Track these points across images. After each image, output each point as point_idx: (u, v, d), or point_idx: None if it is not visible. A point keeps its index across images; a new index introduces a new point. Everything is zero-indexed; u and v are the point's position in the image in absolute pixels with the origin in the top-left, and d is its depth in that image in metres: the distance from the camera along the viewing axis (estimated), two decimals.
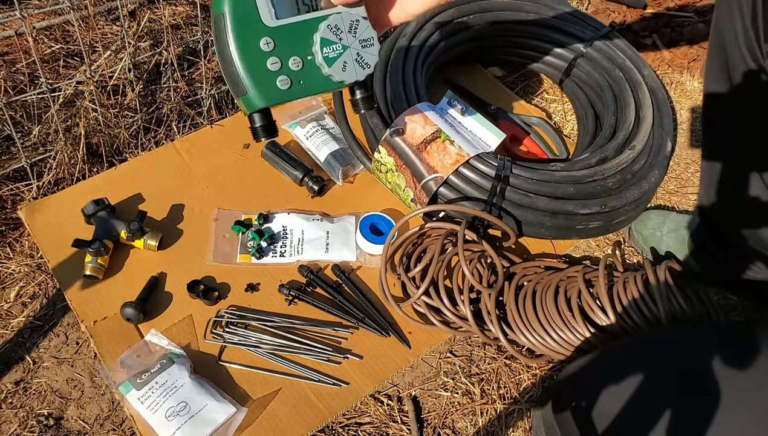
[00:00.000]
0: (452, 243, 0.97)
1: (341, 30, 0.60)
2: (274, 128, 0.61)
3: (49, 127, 1.08)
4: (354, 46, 0.61)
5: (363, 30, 0.61)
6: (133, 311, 0.86)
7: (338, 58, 0.60)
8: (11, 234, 0.99)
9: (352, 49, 0.61)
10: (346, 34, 0.60)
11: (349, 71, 0.60)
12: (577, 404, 0.72)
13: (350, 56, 0.60)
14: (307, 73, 0.60)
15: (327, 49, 0.59)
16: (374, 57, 0.61)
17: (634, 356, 0.75)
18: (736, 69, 0.79)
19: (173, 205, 1.03)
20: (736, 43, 0.77)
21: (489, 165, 0.95)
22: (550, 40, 1.24)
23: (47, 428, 0.82)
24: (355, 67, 0.61)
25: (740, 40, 0.76)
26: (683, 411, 0.64)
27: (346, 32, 0.60)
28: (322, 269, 0.98)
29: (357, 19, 0.60)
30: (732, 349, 0.67)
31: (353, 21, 0.60)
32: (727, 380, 0.64)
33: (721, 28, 0.80)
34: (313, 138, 1.11)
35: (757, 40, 0.74)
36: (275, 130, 0.61)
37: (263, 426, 0.82)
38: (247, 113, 0.60)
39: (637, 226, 1.07)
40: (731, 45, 0.78)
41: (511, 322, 0.90)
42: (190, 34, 1.34)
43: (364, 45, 0.61)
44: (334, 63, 0.60)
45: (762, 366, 0.64)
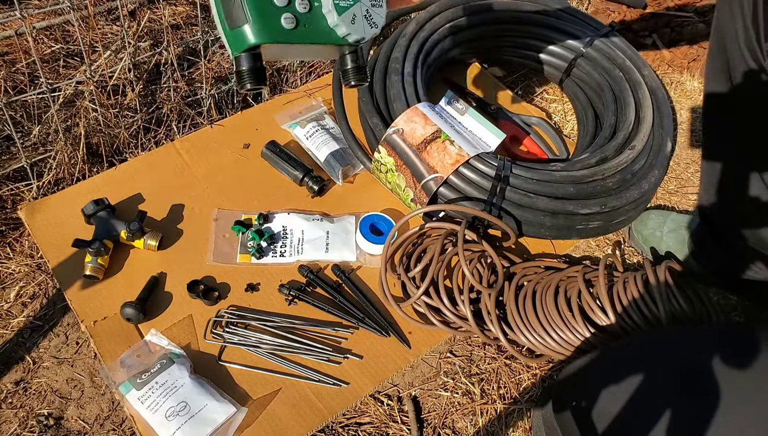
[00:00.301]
0: (452, 243, 0.97)
1: None
2: (263, 74, 0.55)
3: (49, 127, 1.08)
4: (365, 2, 0.58)
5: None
6: (133, 311, 0.86)
7: (349, 8, 0.57)
8: (11, 234, 0.99)
9: (362, 4, 0.57)
10: None
11: (357, 26, 0.57)
12: (577, 404, 0.72)
13: (360, 10, 0.57)
14: (314, 18, 0.56)
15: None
16: (382, 18, 0.59)
17: (634, 356, 0.75)
18: (737, 69, 0.79)
19: (173, 205, 1.03)
20: (737, 42, 0.77)
21: (489, 165, 0.95)
22: (550, 40, 1.24)
23: (47, 428, 0.82)
24: (363, 23, 0.58)
25: (741, 39, 0.76)
26: (683, 411, 0.64)
27: None
28: (322, 269, 0.98)
29: None
30: (732, 349, 0.67)
31: None
32: (727, 380, 0.64)
33: (722, 28, 0.80)
34: (313, 138, 1.11)
35: (758, 39, 0.74)
36: (264, 77, 0.55)
37: (263, 426, 0.82)
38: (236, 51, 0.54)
39: (637, 226, 1.07)
40: (732, 45, 0.78)
41: (511, 322, 0.90)
42: (190, 34, 1.34)
43: (374, 3, 0.58)
44: (343, 12, 0.56)
45: (762, 366, 0.64)
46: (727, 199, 0.91)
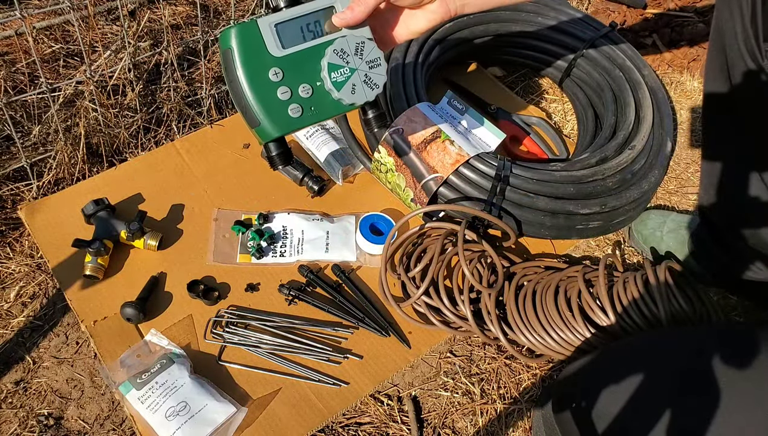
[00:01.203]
0: (452, 243, 0.97)
1: (347, 53, 0.60)
2: (289, 155, 0.62)
3: (49, 127, 1.08)
4: (361, 68, 0.61)
5: (369, 51, 0.61)
6: (133, 310, 0.86)
7: (347, 81, 0.60)
8: (11, 234, 0.99)
9: (359, 72, 0.61)
10: (353, 56, 0.60)
11: (358, 93, 0.61)
12: (577, 404, 0.72)
13: (358, 78, 0.61)
14: (318, 98, 0.60)
15: (335, 74, 0.60)
16: (382, 76, 0.62)
17: (634, 356, 0.75)
18: (736, 69, 0.79)
19: (173, 205, 1.03)
20: (736, 42, 0.77)
21: (489, 165, 0.95)
22: (550, 40, 1.24)
23: (47, 428, 0.82)
24: (364, 88, 0.61)
25: (740, 39, 0.76)
26: (683, 411, 0.64)
27: (353, 55, 0.60)
28: (322, 268, 0.98)
29: (362, 41, 0.61)
30: (732, 349, 0.67)
31: (359, 43, 0.61)
32: (727, 380, 0.64)
33: (721, 28, 0.80)
34: (313, 138, 1.11)
35: (756, 39, 0.74)
36: (291, 156, 0.62)
37: (263, 426, 0.82)
38: (262, 144, 0.61)
39: (637, 226, 1.07)
40: (731, 45, 0.78)
41: (511, 322, 0.90)
42: (190, 34, 1.34)
43: (371, 66, 0.61)
44: (342, 87, 0.60)
45: (762, 366, 0.64)
46: (727, 200, 0.91)
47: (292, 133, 0.61)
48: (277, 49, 0.59)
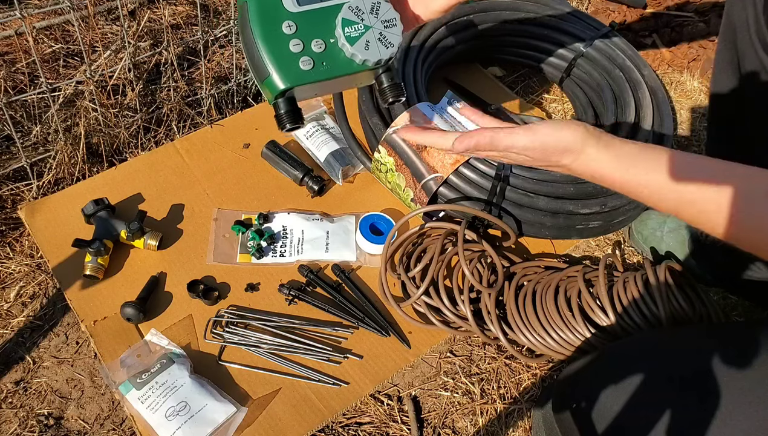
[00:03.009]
0: (452, 243, 0.97)
1: (362, 11, 0.60)
2: (299, 115, 0.61)
3: (49, 127, 1.08)
4: (376, 26, 0.60)
5: (385, 11, 0.61)
6: (133, 310, 0.86)
7: (360, 37, 0.60)
8: (11, 234, 0.99)
9: (374, 29, 0.60)
10: (368, 15, 0.60)
11: (372, 50, 0.60)
12: (577, 405, 0.72)
13: (373, 36, 0.60)
14: (330, 54, 0.60)
15: (349, 29, 0.59)
16: (398, 37, 0.61)
17: (634, 356, 0.75)
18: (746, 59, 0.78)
19: (173, 205, 1.03)
20: (748, 34, 0.77)
21: (489, 165, 0.95)
22: (550, 40, 1.24)
23: (47, 428, 0.82)
24: (378, 46, 0.60)
25: (752, 30, 0.76)
26: (683, 412, 0.64)
27: (368, 13, 0.60)
28: (322, 268, 0.98)
29: (379, 1, 0.60)
30: (732, 349, 0.67)
31: (375, 2, 0.60)
32: (727, 381, 0.64)
33: (733, 19, 0.80)
34: (313, 138, 1.11)
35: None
36: (300, 117, 0.61)
37: (263, 426, 0.82)
38: (271, 99, 0.60)
39: (637, 226, 1.07)
40: (742, 37, 0.78)
41: (511, 322, 0.90)
42: (190, 34, 1.34)
43: (386, 25, 0.61)
44: (356, 42, 0.59)
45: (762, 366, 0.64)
46: None
47: (302, 87, 0.60)
48: (292, 5, 0.59)
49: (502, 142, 0.63)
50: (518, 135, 0.63)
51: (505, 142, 0.63)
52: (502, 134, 0.63)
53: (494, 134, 0.63)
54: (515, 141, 0.63)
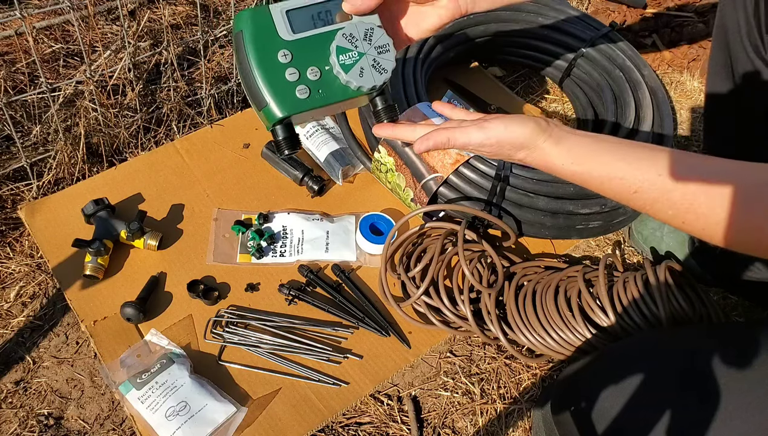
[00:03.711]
0: (452, 243, 0.97)
1: (356, 38, 0.61)
2: (296, 141, 0.63)
3: (49, 127, 1.08)
4: (370, 53, 0.62)
5: (378, 37, 0.62)
6: (133, 310, 0.86)
7: (355, 64, 0.61)
8: (11, 234, 0.99)
9: (368, 56, 0.61)
10: (362, 41, 0.61)
11: (366, 77, 0.61)
12: (576, 405, 0.72)
13: (367, 62, 0.61)
14: (326, 82, 0.61)
15: (343, 57, 0.60)
16: (391, 62, 0.62)
17: (634, 357, 0.75)
18: (738, 62, 0.79)
19: (173, 205, 1.03)
20: (739, 36, 0.77)
21: (489, 165, 0.95)
22: (550, 40, 1.24)
23: (47, 428, 0.82)
24: (372, 72, 0.61)
25: (743, 32, 0.76)
26: (683, 412, 0.64)
27: (362, 40, 0.61)
28: (322, 268, 0.98)
29: (372, 27, 0.62)
30: (732, 349, 0.67)
31: (368, 29, 0.61)
32: (727, 381, 0.64)
33: (725, 24, 0.80)
34: (313, 138, 1.11)
35: (759, 31, 0.74)
36: (298, 142, 0.63)
37: (263, 426, 0.82)
38: (269, 126, 0.62)
39: (637, 226, 1.07)
40: (734, 39, 0.78)
41: (511, 322, 0.90)
42: (190, 34, 1.34)
43: (380, 51, 0.62)
44: (350, 69, 0.61)
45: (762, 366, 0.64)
46: None
47: (299, 114, 0.61)
48: (287, 33, 0.60)
49: (459, 141, 0.66)
50: (473, 133, 0.65)
51: (461, 140, 0.66)
52: (458, 133, 0.66)
53: (450, 134, 0.66)
54: (471, 138, 0.65)
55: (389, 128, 0.68)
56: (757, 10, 0.74)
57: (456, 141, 0.66)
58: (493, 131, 0.64)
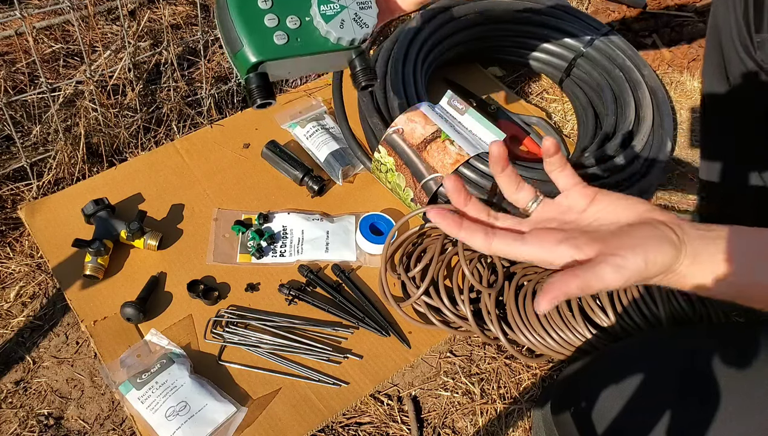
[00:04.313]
0: (452, 243, 0.97)
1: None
2: (270, 91, 0.60)
3: (49, 127, 1.08)
4: (352, 7, 0.61)
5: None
6: (133, 310, 0.86)
7: (336, 15, 0.60)
8: (11, 234, 0.99)
9: (350, 9, 0.61)
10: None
11: (347, 29, 0.60)
12: (576, 406, 0.72)
13: (348, 15, 0.61)
14: (305, 31, 0.60)
15: (324, 7, 0.60)
16: (372, 18, 0.62)
17: (634, 357, 0.75)
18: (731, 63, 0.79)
19: (173, 205, 1.03)
20: (731, 37, 0.77)
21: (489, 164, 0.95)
22: (550, 40, 1.24)
23: (47, 428, 0.82)
24: (353, 25, 0.61)
25: (734, 33, 0.76)
26: (683, 412, 0.64)
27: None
28: (322, 268, 0.98)
29: None
30: (732, 349, 0.67)
31: None
32: (727, 381, 0.64)
33: (717, 23, 0.80)
34: (313, 138, 1.11)
35: (749, 31, 0.74)
36: (272, 93, 0.60)
37: (263, 426, 0.82)
38: (243, 73, 0.60)
39: None
40: (726, 39, 0.79)
41: (511, 322, 0.90)
42: (190, 34, 1.34)
43: (362, 6, 0.62)
44: (331, 20, 0.60)
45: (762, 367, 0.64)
46: (727, 199, 0.91)
47: (275, 62, 0.60)
48: None
49: (594, 288, 0.49)
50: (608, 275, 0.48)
51: (597, 286, 0.48)
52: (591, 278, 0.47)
53: (582, 283, 0.47)
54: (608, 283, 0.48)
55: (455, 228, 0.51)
56: (746, 11, 0.74)
57: (591, 290, 0.49)
58: (632, 271, 0.48)
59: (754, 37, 0.74)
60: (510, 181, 0.55)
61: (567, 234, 0.48)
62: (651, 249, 0.47)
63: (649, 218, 0.49)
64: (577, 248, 0.47)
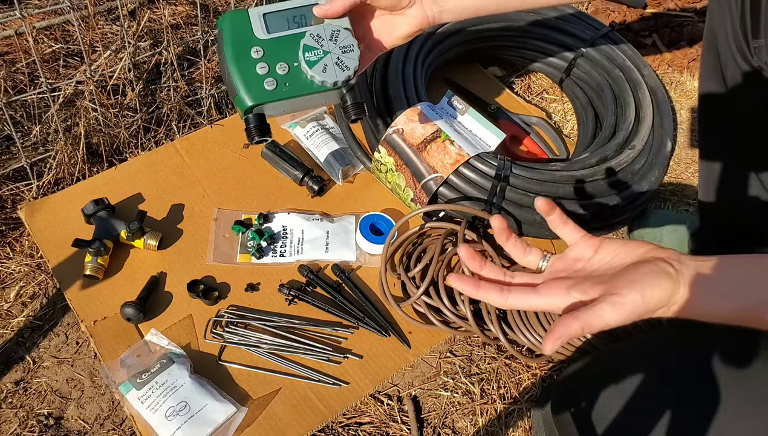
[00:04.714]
0: (452, 243, 0.97)
1: (323, 38, 0.67)
2: (266, 129, 0.68)
3: (49, 127, 1.08)
4: (334, 52, 0.67)
5: (344, 38, 0.68)
6: (133, 310, 0.86)
7: (319, 61, 0.67)
8: (11, 234, 0.99)
9: (332, 54, 0.67)
10: (327, 41, 0.67)
11: (329, 73, 0.67)
12: (576, 405, 0.72)
13: (331, 60, 0.67)
14: (293, 76, 0.67)
15: (309, 54, 0.66)
16: (354, 61, 0.68)
17: (634, 358, 0.75)
18: (728, 67, 0.79)
19: (173, 205, 1.03)
20: (727, 41, 0.77)
21: (489, 165, 0.95)
22: (550, 40, 1.24)
23: (47, 428, 0.82)
24: (335, 69, 0.67)
25: (730, 37, 0.76)
26: (683, 413, 0.64)
27: (327, 40, 0.67)
28: (322, 268, 0.98)
29: (338, 29, 0.67)
30: (732, 350, 0.67)
31: (335, 31, 0.67)
32: (727, 382, 0.64)
33: (713, 26, 0.80)
34: (313, 138, 1.11)
35: (745, 36, 0.74)
36: (268, 131, 0.68)
37: (263, 426, 0.82)
38: (242, 115, 0.68)
39: (636, 226, 1.07)
40: (722, 43, 0.78)
41: (511, 322, 0.90)
42: (190, 34, 1.34)
43: (344, 51, 0.67)
44: (314, 65, 0.66)
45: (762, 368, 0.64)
46: (726, 200, 0.91)
47: (268, 105, 0.67)
48: (262, 33, 0.67)
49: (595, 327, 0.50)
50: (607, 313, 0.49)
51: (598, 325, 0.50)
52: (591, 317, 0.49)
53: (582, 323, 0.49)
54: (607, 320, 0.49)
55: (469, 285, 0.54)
56: (743, 16, 0.74)
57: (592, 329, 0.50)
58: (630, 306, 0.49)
59: (750, 43, 0.74)
60: (517, 248, 0.59)
61: (574, 281, 0.51)
62: (647, 283, 0.49)
63: (650, 256, 0.51)
64: (583, 293, 0.49)
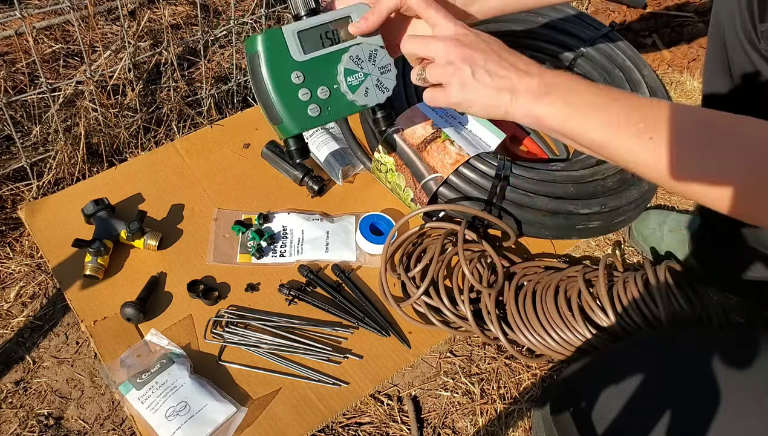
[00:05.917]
0: (452, 243, 0.97)
1: (362, 59, 0.67)
2: (306, 150, 0.69)
3: (49, 127, 1.08)
4: (374, 73, 0.68)
5: (381, 58, 0.68)
6: (133, 310, 0.86)
7: (360, 84, 0.67)
8: (11, 234, 0.99)
9: (372, 76, 0.68)
10: (367, 63, 0.67)
11: (370, 96, 0.68)
12: (576, 405, 0.72)
13: (371, 82, 0.68)
14: (334, 100, 0.67)
15: (350, 78, 0.66)
16: (392, 81, 0.68)
17: (634, 357, 0.75)
18: (734, 53, 0.78)
19: (173, 205, 1.03)
20: (734, 29, 0.77)
21: (489, 165, 0.95)
22: (550, 40, 1.24)
23: (47, 428, 0.82)
24: (375, 91, 0.68)
25: (737, 25, 0.76)
26: (683, 413, 0.64)
27: (367, 61, 0.67)
28: (322, 268, 0.98)
29: (375, 49, 0.67)
30: (732, 349, 0.67)
31: (372, 50, 0.67)
32: (727, 382, 0.64)
33: (720, 18, 0.80)
34: (313, 138, 1.11)
35: (753, 21, 0.74)
36: (308, 151, 0.70)
37: (263, 426, 0.82)
38: (282, 139, 0.68)
39: (637, 226, 1.07)
40: (729, 29, 0.78)
41: (511, 322, 0.90)
42: (190, 34, 1.34)
43: (382, 71, 0.68)
44: (357, 90, 0.67)
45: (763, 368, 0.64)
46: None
47: (309, 130, 0.69)
48: (299, 54, 0.65)
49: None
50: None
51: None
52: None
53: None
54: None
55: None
56: (750, 4, 0.74)
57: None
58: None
59: (758, 27, 0.74)
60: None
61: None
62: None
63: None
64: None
